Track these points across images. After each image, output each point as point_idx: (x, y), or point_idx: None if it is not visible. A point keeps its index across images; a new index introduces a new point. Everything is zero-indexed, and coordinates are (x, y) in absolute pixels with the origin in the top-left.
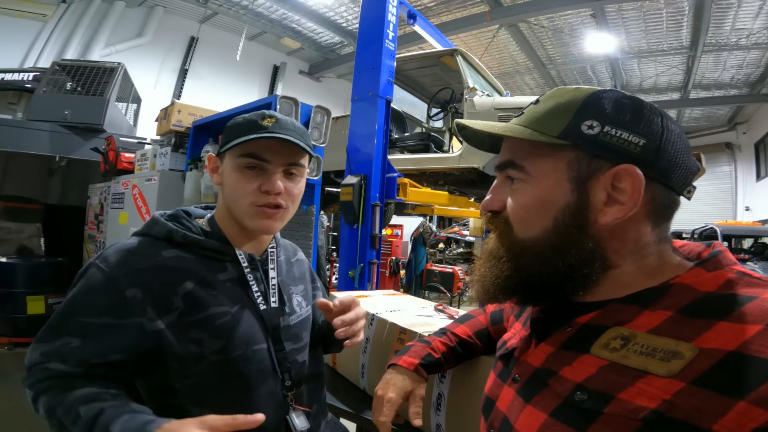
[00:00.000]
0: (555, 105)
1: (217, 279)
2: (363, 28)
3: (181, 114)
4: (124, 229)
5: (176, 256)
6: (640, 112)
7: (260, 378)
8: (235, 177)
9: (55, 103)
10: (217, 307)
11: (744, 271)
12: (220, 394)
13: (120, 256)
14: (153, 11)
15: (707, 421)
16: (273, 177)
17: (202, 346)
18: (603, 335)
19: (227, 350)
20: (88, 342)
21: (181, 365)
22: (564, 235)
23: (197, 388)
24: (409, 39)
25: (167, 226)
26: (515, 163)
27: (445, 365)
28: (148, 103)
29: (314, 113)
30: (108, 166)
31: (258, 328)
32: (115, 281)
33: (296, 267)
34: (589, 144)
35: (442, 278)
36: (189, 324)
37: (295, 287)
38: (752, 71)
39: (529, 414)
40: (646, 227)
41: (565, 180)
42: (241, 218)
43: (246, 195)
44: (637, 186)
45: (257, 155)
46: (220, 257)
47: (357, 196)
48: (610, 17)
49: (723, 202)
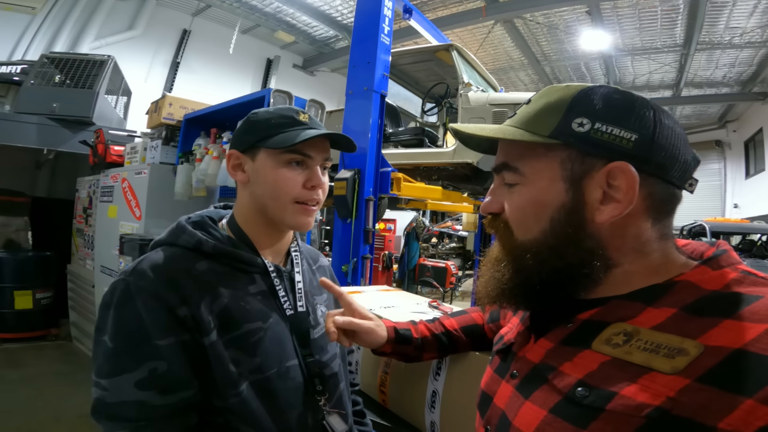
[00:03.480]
0: (545, 104)
1: (248, 292)
2: (358, 21)
3: (172, 107)
4: (113, 222)
5: (209, 269)
6: (630, 107)
7: (296, 393)
8: (279, 173)
9: (43, 96)
10: (250, 323)
11: (749, 270)
12: (263, 411)
13: (159, 271)
14: (145, 4)
15: (713, 418)
16: (316, 171)
17: (239, 366)
18: (605, 331)
19: (263, 369)
20: (173, 365)
21: (224, 385)
22: (562, 235)
23: (240, 407)
24: (405, 34)
25: (196, 236)
26: (509, 165)
27: (424, 351)
28: (139, 97)
29: (308, 107)
30: (97, 158)
31: (289, 341)
32: (164, 297)
33: (319, 274)
34: (581, 142)
35: (434, 273)
36: (227, 342)
37: (319, 296)
38: (744, 70)
39: (528, 410)
40: (646, 223)
41: (559, 179)
42: (280, 215)
43: (291, 191)
44: (632, 183)
45: (304, 152)
46: (249, 269)
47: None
48: (605, 14)
49: (712, 200)
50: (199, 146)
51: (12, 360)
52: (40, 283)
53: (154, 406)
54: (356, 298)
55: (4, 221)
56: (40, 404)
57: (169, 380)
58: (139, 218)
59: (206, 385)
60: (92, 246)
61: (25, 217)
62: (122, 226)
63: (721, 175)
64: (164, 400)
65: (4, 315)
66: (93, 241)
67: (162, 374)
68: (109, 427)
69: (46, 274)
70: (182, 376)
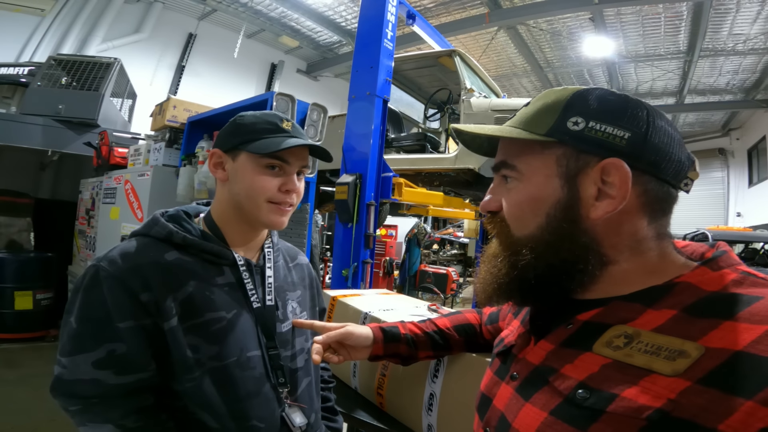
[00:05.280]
0: (542, 105)
1: (215, 283)
2: (362, 26)
3: (176, 109)
4: (115, 224)
5: (177, 258)
6: (624, 107)
7: (255, 383)
8: (256, 176)
9: (49, 97)
10: (213, 312)
11: (749, 272)
12: (218, 398)
13: (128, 259)
14: (152, 7)
15: (713, 420)
16: (292, 177)
17: (198, 352)
18: (606, 333)
19: (222, 356)
20: (131, 347)
21: (181, 369)
22: (557, 230)
23: (197, 392)
24: (408, 40)
25: (167, 228)
26: (507, 163)
27: (418, 349)
28: (144, 100)
29: (310, 111)
30: (101, 160)
31: (253, 333)
32: (128, 283)
33: (295, 271)
34: (575, 139)
35: (435, 279)
36: (187, 329)
37: (292, 293)
38: (748, 77)
39: (528, 412)
40: (641, 221)
41: (555, 176)
42: (255, 213)
43: (265, 193)
44: (625, 178)
45: (283, 157)
46: (218, 261)
47: (352, 195)
48: (609, 21)
49: (715, 208)
50: (202, 149)
51: (9, 360)
52: (41, 284)
53: (109, 385)
54: (355, 301)
55: (7, 222)
56: (36, 405)
57: (126, 361)
58: (141, 220)
59: (165, 369)
60: (94, 247)
61: (27, 218)
62: (124, 228)
63: (724, 183)
64: (119, 380)
65: (3, 315)
66: (95, 242)
67: (120, 355)
68: (64, 403)
69: (46, 275)
70: (139, 358)
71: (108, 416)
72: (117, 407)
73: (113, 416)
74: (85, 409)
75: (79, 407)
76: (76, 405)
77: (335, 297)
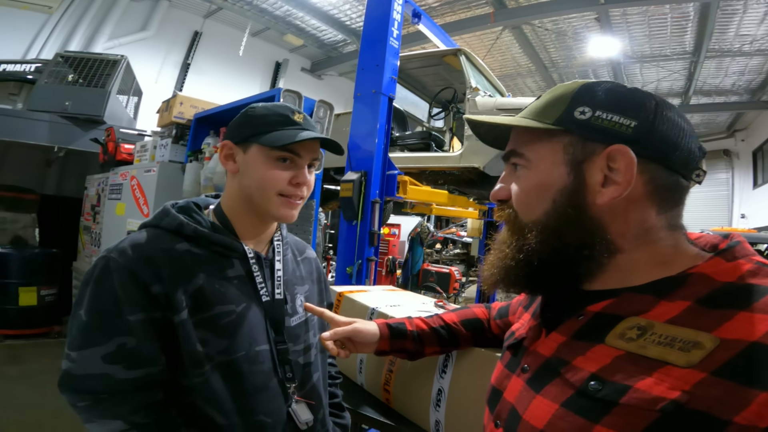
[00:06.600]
0: (552, 97)
1: (225, 276)
2: (368, 25)
3: (183, 106)
4: (120, 220)
5: (187, 250)
6: (631, 97)
7: (263, 377)
8: (267, 168)
9: (55, 94)
10: (223, 305)
11: (764, 262)
12: (227, 394)
13: (138, 250)
14: (158, 5)
15: (728, 412)
16: (303, 170)
17: (207, 346)
18: (618, 325)
19: (231, 351)
20: (142, 341)
21: (190, 363)
22: (563, 215)
23: (206, 387)
24: (413, 39)
25: (177, 219)
26: (516, 152)
27: (424, 345)
28: (149, 97)
29: (317, 107)
30: (107, 156)
31: (262, 327)
32: (139, 275)
33: (303, 265)
34: (582, 128)
35: (438, 278)
36: (197, 322)
37: (300, 287)
38: (754, 78)
39: (540, 404)
40: (650, 210)
41: (562, 163)
42: (265, 206)
43: (276, 185)
44: (629, 165)
45: (294, 150)
46: (228, 253)
47: (357, 193)
48: (615, 21)
49: (719, 209)
50: (208, 145)
51: (13, 356)
52: (45, 280)
53: (119, 380)
54: (362, 297)
55: (13, 218)
56: (40, 401)
57: (136, 355)
58: (146, 216)
59: (174, 363)
60: (99, 243)
61: (33, 214)
62: (129, 224)
63: (729, 184)
64: (129, 374)
65: (7, 311)
66: (100, 238)
67: (130, 349)
68: (71, 398)
69: (51, 271)
70: (150, 352)
71: (117, 412)
72: (127, 402)
73: (123, 412)
74: (94, 404)
75: (87, 403)
76: (85, 401)
77: (342, 293)
